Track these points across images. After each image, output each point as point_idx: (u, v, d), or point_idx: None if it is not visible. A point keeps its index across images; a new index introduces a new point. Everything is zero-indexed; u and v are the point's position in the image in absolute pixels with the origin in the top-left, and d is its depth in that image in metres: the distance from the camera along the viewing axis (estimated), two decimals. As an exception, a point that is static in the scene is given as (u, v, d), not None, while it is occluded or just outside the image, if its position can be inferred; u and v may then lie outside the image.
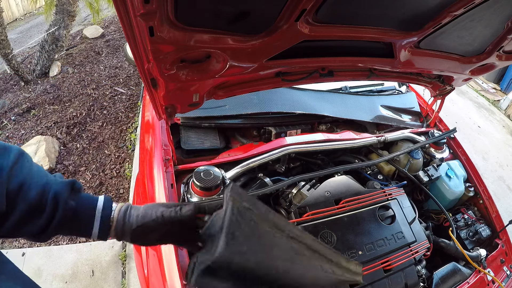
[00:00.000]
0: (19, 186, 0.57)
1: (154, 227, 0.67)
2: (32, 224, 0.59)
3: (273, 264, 0.66)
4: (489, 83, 5.87)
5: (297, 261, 0.70)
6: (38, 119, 3.48)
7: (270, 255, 0.66)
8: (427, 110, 2.12)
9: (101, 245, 2.36)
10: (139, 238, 0.68)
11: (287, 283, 0.68)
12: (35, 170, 0.61)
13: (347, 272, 0.81)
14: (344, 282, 0.81)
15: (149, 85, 0.98)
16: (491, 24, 1.15)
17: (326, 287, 0.77)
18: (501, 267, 1.54)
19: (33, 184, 0.59)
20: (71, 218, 0.63)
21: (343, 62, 1.26)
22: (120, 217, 0.68)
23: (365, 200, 1.32)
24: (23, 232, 0.59)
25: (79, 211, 0.64)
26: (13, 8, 6.90)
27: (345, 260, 0.82)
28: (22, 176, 0.58)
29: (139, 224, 0.67)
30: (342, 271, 0.80)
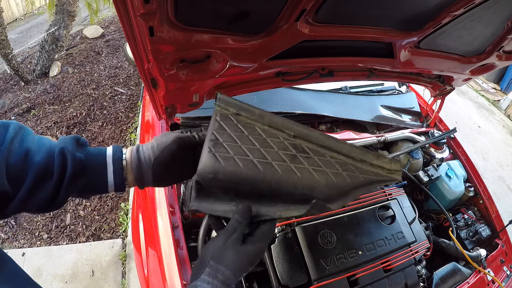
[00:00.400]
0: (24, 156, 0.54)
1: (174, 151, 0.63)
2: (44, 188, 0.55)
3: (263, 167, 0.61)
4: (489, 83, 5.87)
5: (297, 162, 0.64)
6: (38, 119, 3.48)
7: (260, 159, 0.62)
8: (427, 110, 2.12)
9: (101, 245, 2.36)
10: (162, 172, 0.63)
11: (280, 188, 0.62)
12: (37, 138, 0.59)
13: (380, 170, 0.70)
14: (376, 182, 0.69)
15: (149, 85, 0.98)
16: (491, 24, 1.15)
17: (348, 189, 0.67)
18: (501, 267, 1.54)
19: (38, 149, 0.56)
20: (81, 171, 0.59)
21: (343, 62, 1.26)
22: (134, 156, 0.63)
23: (365, 200, 1.32)
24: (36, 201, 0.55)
25: (89, 162, 0.60)
26: (13, 8, 6.90)
27: (374, 156, 0.70)
28: (25, 145, 0.55)
29: (158, 154, 0.62)
30: (373, 169, 0.69)
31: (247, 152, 0.62)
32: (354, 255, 1.16)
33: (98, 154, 0.62)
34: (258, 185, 0.62)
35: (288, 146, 0.65)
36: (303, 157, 0.65)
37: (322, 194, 0.64)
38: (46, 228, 2.49)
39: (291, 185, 0.63)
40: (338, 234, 1.18)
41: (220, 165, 0.60)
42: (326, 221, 1.21)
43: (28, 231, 2.47)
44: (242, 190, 0.62)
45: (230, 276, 0.56)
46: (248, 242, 0.60)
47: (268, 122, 0.66)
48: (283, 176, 0.62)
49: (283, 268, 1.09)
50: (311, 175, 0.63)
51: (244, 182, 0.61)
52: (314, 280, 1.08)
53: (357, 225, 1.24)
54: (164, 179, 0.66)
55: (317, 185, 0.64)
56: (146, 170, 0.63)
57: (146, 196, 1.37)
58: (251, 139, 0.63)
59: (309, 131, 0.68)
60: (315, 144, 0.67)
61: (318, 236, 1.16)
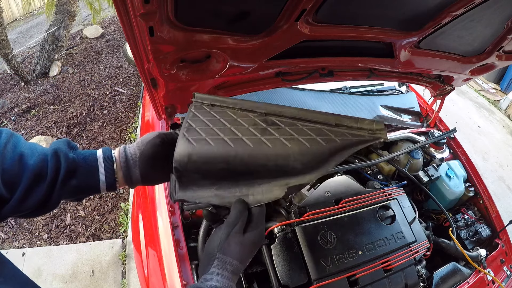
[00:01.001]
0: (18, 160, 0.55)
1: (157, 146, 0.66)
2: (37, 191, 0.56)
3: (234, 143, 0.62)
4: (489, 83, 5.87)
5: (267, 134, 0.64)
6: (38, 119, 3.48)
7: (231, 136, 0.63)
8: (427, 110, 2.12)
9: (101, 245, 2.36)
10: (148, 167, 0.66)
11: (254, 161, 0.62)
12: (29, 143, 0.60)
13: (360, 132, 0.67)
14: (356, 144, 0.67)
15: (149, 85, 0.98)
16: (491, 24, 1.15)
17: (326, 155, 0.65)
18: (501, 267, 1.54)
19: (31, 154, 0.57)
20: (74, 171, 0.60)
21: (343, 62, 1.26)
22: (122, 154, 0.66)
23: (365, 200, 1.32)
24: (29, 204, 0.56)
25: (81, 162, 0.62)
26: (13, 8, 6.89)
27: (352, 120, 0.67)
28: (18, 150, 0.56)
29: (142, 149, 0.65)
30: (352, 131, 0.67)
31: (218, 132, 0.63)
32: (354, 255, 1.16)
33: (89, 154, 0.64)
34: (232, 161, 0.62)
35: (259, 122, 0.66)
36: (273, 129, 0.65)
37: (298, 162, 0.63)
38: (46, 228, 2.49)
39: (263, 156, 0.62)
40: (338, 234, 1.18)
41: (193, 147, 0.61)
42: (326, 221, 1.21)
43: (28, 231, 2.47)
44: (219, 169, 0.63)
45: (238, 265, 0.59)
46: (248, 230, 0.62)
47: (240, 106, 0.68)
48: (254, 149, 0.62)
49: (283, 268, 1.08)
50: (283, 144, 0.63)
51: (218, 161, 0.62)
52: (314, 280, 1.08)
53: (357, 225, 1.23)
54: (152, 175, 0.68)
55: (290, 152, 0.63)
56: (133, 166, 0.65)
57: (146, 196, 1.37)
58: (222, 121, 0.65)
59: (280, 108, 0.68)
60: (287, 117, 0.67)
61: (318, 236, 1.16)
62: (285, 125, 0.66)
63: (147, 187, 1.38)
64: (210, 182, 0.64)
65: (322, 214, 1.21)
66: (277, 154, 0.63)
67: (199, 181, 0.63)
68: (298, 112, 0.68)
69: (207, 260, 0.61)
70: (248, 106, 0.68)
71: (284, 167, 0.63)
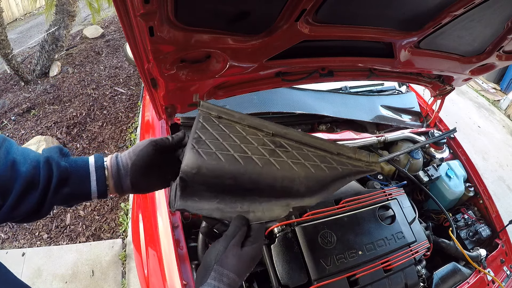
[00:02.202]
0: (10, 166, 0.55)
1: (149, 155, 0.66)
2: (29, 198, 0.57)
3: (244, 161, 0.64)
4: (489, 83, 5.87)
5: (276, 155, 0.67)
6: (38, 119, 3.48)
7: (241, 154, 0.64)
8: (427, 110, 2.12)
9: (101, 245, 2.36)
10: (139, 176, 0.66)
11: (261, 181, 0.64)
12: (21, 149, 0.60)
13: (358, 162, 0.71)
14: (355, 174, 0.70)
15: (149, 85, 0.98)
16: (491, 24, 1.15)
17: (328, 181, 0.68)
18: (501, 267, 1.54)
19: (23, 160, 0.57)
20: (66, 179, 0.61)
21: (343, 62, 1.26)
22: (113, 163, 0.66)
23: (365, 200, 1.32)
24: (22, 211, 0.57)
25: (73, 170, 0.62)
26: (13, 8, 6.89)
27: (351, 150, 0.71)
28: (11, 156, 0.56)
29: (134, 159, 0.65)
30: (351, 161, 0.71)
31: (228, 147, 0.65)
32: (354, 255, 1.16)
33: (81, 162, 0.64)
34: (240, 178, 0.64)
35: (267, 142, 0.68)
36: (281, 151, 0.67)
37: (303, 185, 0.66)
38: (46, 228, 2.49)
39: (271, 177, 0.65)
40: (338, 234, 1.18)
41: (203, 160, 0.62)
42: (326, 221, 1.21)
43: (28, 231, 2.47)
44: (225, 184, 0.64)
45: (235, 278, 0.59)
46: (246, 245, 0.63)
47: (248, 123, 0.70)
48: (263, 169, 0.64)
49: (283, 268, 1.08)
50: (290, 167, 0.66)
51: (227, 176, 0.64)
52: (314, 280, 1.08)
53: (357, 225, 1.23)
54: (143, 183, 0.68)
55: (296, 176, 0.66)
56: (124, 175, 0.65)
57: (146, 196, 1.37)
58: (232, 136, 0.67)
59: (286, 130, 0.70)
60: (293, 140, 0.70)
61: (318, 236, 1.16)
62: (293, 149, 0.69)
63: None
64: (213, 195, 0.65)
65: (322, 214, 1.21)
66: (284, 176, 0.65)
67: (203, 192, 0.64)
68: (303, 137, 0.71)
69: (204, 272, 0.61)
70: (255, 124, 0.70)
71: (289, 189, 0.65)
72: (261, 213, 0.65)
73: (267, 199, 0.66)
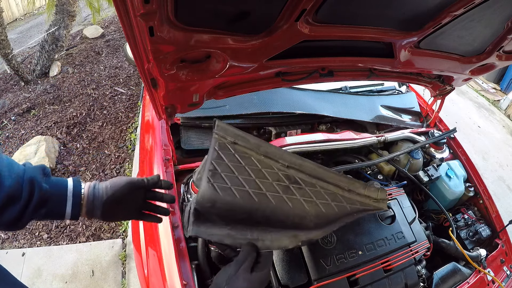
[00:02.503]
0: None
1: (124, 194, 0.72)
2: (9, 211, 0.60)
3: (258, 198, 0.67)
4: (489, 83, 5.87)
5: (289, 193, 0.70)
6: (38, 119, 3.48)
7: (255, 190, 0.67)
8: (427, 110, 2.12)
9: (101, 245, 2.36)
10: (109, 211, 0.71)
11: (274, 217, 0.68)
12: (6, 161, 0.63)
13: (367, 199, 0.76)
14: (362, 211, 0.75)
15: (149, 85, 0.98)
16: (491, 24, 1.15)
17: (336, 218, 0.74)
18: (501, 267, 1.54)
19: (8, 174, 0.60)
20: (45, 201, 0.65)
21: (343, 62, 1.26)
22: (90, 193, 0.71)
23: (365, 200, 1.32)
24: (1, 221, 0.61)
25: (53, 194, 0.67)
26: (13, 8, 6.89)
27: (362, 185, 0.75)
28: None
29: (110, 194, 0.71)
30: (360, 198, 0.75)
31: (243, 183, 0.68)
32: (354, 255, 1.16)
33: (61, 186, 0.69)
34: (253, 214, 0.67)
35: (282, 177, 0.70)
36: (295, 188, 0.71)
37: (312, 223, 0.70)
38: (46, 228, 2.49)
39: (284, 214, 0.69)
40: (338, 234, 1.18)
41: (218, 195, 0.65)
42: (326, 221, 1.20)
43: (28, 231, 2.47)
44: (238, 218, 0.68)
45: None
46: (255, 270, 0.67)
47: (264, 152, 0.72)
48: (276, 206, 0.68)
49: (283, 268, 1.09)
50: (302, 206, 0.70)
51: (241, 211, 0.67)
52: (314, 280, 1.08)
53: (357, 225, 1.24)
54: (110, 216, 0.74)
55: (307, 215, 0.70)
56: (97, 207, 0.71)
57: (146, 196, 1.37)
58: (247, 169, 0.69)
59: (301, 161, 0.74)
60: (307, 174, 0.73)
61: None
62: (305, 185, 0.72)
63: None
64: (225, 222, 0.68)
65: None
66: (296, 214, 0.69)
67: (215, 220, 0.68)
68: (317, 169, 0.73)
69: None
70: (271, 153, 0.72)
71: (299, 225, 0.69)
72: (270, 242, 0.68)
73: (276, 230, 0.69)
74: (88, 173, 2.92)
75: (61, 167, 2.95)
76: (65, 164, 2.98)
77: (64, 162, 2.99)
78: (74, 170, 2.93)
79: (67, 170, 2.92)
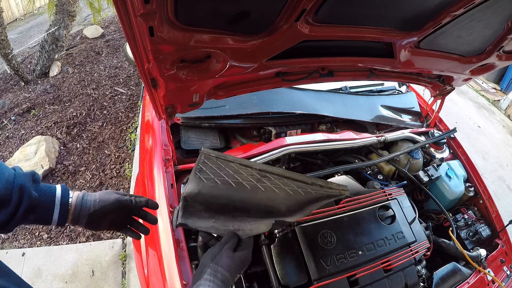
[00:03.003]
0: None
1: (110, 210, 0.76)
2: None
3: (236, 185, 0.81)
4: (489, 83, 5.87)
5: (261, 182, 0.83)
6: (38, 119, 3.48)
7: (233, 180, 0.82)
8: (427, 110, 2.12)
9: (101, 245, 2.36)
10: (94, 222, 0.76)
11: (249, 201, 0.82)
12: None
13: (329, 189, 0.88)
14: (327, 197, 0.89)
15: (149, 85, 0.98)
16: (491, 24, 1.15)
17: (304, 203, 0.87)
18: (501, 267, 1.54)
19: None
20: (34, 208, 0.67)
21: (343, 62, 1.26)
22: (78, 203, 0.74)
23: (365, 200, 1.32)
24: None
25: (41, 201, 0.69)
26: (13, 8, 6.89)
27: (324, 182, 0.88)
28: None
29: (98, 208, 0.75)
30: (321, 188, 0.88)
31: (224, 176, 0.82)
32: (354, 255, 1.16)
33: (49, 194, 0.71)
34: (232, 198, 0.80)
35: (255, 174, 0.85)
36: (266, 179, 0.85)
37: (283, 205, 0.83)
38: (46, 228, 2.49)
39: (257, 198, 0.82)
40: (338, 234, 1.18)
41: (203, 183, 0.79)
42: (326, 221, 1.21)
43: (28, 231, 2.47)
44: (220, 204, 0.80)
45: (227, 276, 0.71)
46: (238, 250, 0.77)
47: (240, 162, 0.86)
48: (251, 191, 0.82)
49: (283, 268, 1.09)
50: (273, 190, 0.83)
51: (222, 197, 0.80)
52: (314, 280, 1.08)
53: (357, 225, 1.23)
54: (94, 227, 0.78)
55: (278, 197, 0.83)
56: (83, 217, 0.74)
57: (146, 196, 1.37)
58: (227, 169, 0.84)
59: (271, 168, 0.87)
60: (276, 174, 0.86)
61: (318, 236, 1.16)
62: (275, 179, 0.85)
63: (147, 186, 1.38)
64: (209, 215, 0.80)
65: (322, 214, 1.21)
66: (268, 197, 0.82)
67: (201, 213, 0.80)
68: (284, 172, 0.87)
69: (201, 270, 0.71)
70: (246, 163, 0.87)
71: (272, 208, 0.83)
72: (249, 231, 0.81)
73: (255, 219, 0.82)
74: (88, 173, 2.92)
75: (61, 167, 2.95)
76: (65, 164, 2.98)
77: (64, 162, 2.99)
78: (74, 170, 2.93)
79: (67, 170, 2.92)
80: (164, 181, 1.28)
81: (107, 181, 2.87)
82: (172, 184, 1.30)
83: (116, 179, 2.89)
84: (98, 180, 2.85)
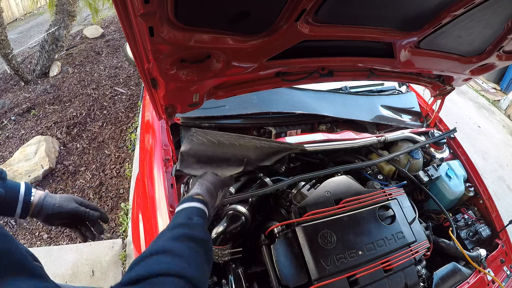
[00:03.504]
0: None
1: (66, 217, 0.88)
2: None
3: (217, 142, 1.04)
4: (489, 83, 5.87)
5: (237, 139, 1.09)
6: (38, 119, 3.48)
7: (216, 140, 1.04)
8: (427, 110, 2.12)
9: (101, 245, 2.36)
10: (50, 221, 0.87)
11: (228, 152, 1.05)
12: None
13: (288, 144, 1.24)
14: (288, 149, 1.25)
15: (149, 85, 0.98)
16: (491, 24, 1.15)
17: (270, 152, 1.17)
18: (501, 267, 1.54)
19: None
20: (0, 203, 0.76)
21: (343, 62, 1.26)
22: (40, 203, 0.84)
23: (365, 200, 1.32)
24: None
25: (6, 197, 0.78)
26: (13, 8, 6.90)
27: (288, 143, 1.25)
28: None
29: (55, 212, 0.86)
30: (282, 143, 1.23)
31: (209, 137, 1.04)
32: (354, 255, 1.16)
33: (14, 190, 0.80)
34: (216, 152, 1.03)
35: (232, 136, 1.10)
36: (241, 139, 1.10)
37: (253, 153, 1.10)
38: (46, 228, 2.49)
39: (233, 148, 1.06)
40: (338, 234, 1.18)
41: (194, 142, 1.02)
42: (326, 221, 1.21)
43: (28, 231, 2.47)
44: (207, 156, 1.02)
45: (211, 188, 0.88)
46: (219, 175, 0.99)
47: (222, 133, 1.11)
48: (230, 147, 1.06)
49: (283, 268, 1.09)
50: (245, 143, 1.09)
51: (208, 151, 1.02)
52: (314, 280, 1.08)
53: (357, 225, 1.23)
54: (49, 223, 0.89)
55: (249, 149, 1.10)
56: (42, 215, 0.85)
57: (146, 196, 1.37)
58: (212, 135, 1.06)
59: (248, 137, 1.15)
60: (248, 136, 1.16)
61: (318, 236, 1.16)
62: (248, 139, 1.12)
63: (147, 186, 1.38)
64: (199, 166, 1.01)
65: (322, 214, 1.21)
66: (241, 147, 1.08)
67: (193, 164, 1.01)
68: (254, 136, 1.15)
69: (192, 184, 0.93)
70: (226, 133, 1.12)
71: (245, 157, 1.07)
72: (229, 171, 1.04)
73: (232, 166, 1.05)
74: (88, 173, 2.93)
75: (61, 167, 2.95)
76: (65, 164, 2.98)
77: (64, 162, 2.99)
78: (74, 170, 2.93)
79: (67, 170, 2.92)
80: (164, 181, 1.28)
81: (107, 181, 2.87)
82: (172, 184, 1.30)
83: (116, 179, 2.89)
84: (98, 180, 2.85)
